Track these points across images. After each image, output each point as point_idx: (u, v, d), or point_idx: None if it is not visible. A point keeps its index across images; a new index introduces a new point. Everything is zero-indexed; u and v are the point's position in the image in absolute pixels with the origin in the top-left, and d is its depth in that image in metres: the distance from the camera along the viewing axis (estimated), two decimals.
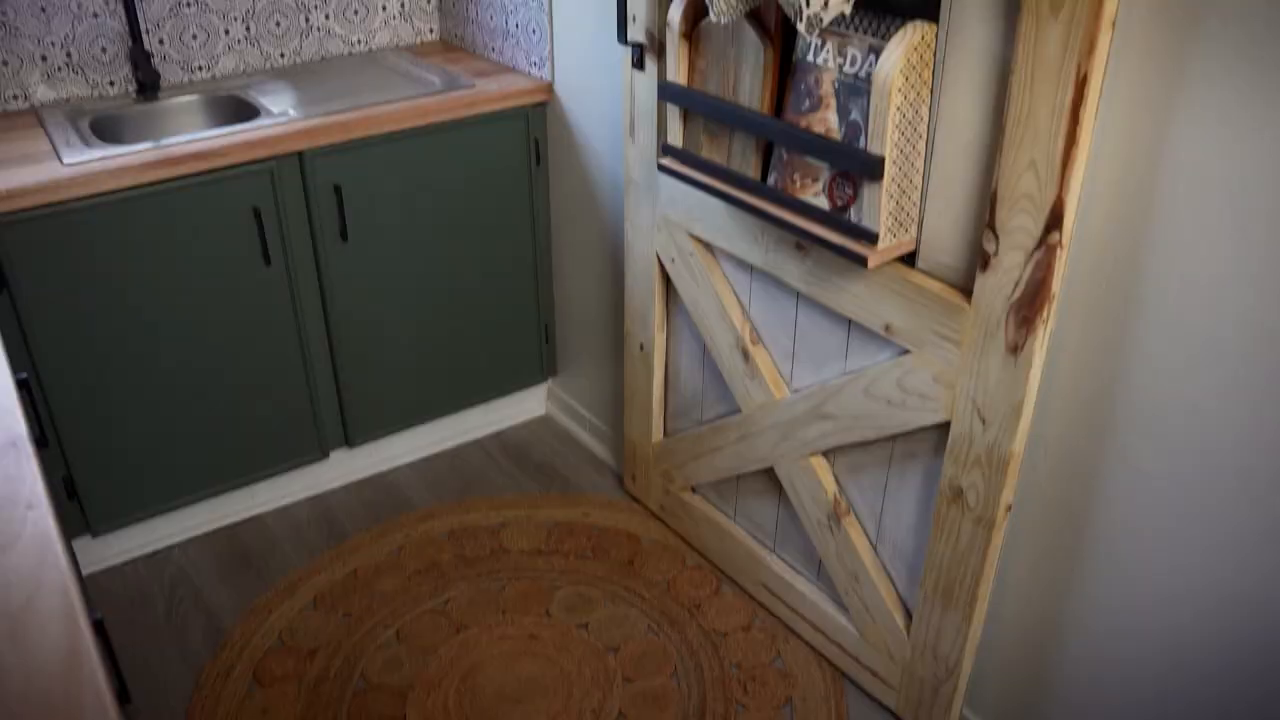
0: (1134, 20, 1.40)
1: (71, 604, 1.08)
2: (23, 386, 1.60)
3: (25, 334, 2.27)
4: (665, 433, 2.68)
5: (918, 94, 1.67)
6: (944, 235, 1.76)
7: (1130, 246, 1.51)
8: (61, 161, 2.26)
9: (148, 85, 2.75)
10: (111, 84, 2.75)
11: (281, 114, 2.54)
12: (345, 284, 2.66)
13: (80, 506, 2.51)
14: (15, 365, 2.28)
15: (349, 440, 2.88)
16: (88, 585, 2.61)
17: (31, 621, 1.06)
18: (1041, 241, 1.55)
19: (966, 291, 1.73)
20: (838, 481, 2.17)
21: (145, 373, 2.45)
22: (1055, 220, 1.52)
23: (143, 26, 2.75)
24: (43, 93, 2.67)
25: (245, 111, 2.68)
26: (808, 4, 1.63)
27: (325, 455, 2.85)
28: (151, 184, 2.30)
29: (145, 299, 2.38)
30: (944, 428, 1.86)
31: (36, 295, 2.25)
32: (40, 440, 1.60)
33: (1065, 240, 1.54)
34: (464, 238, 2.82)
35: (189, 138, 2.39)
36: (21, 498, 1.25)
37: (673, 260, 2.38)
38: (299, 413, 2.74)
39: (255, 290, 2.53)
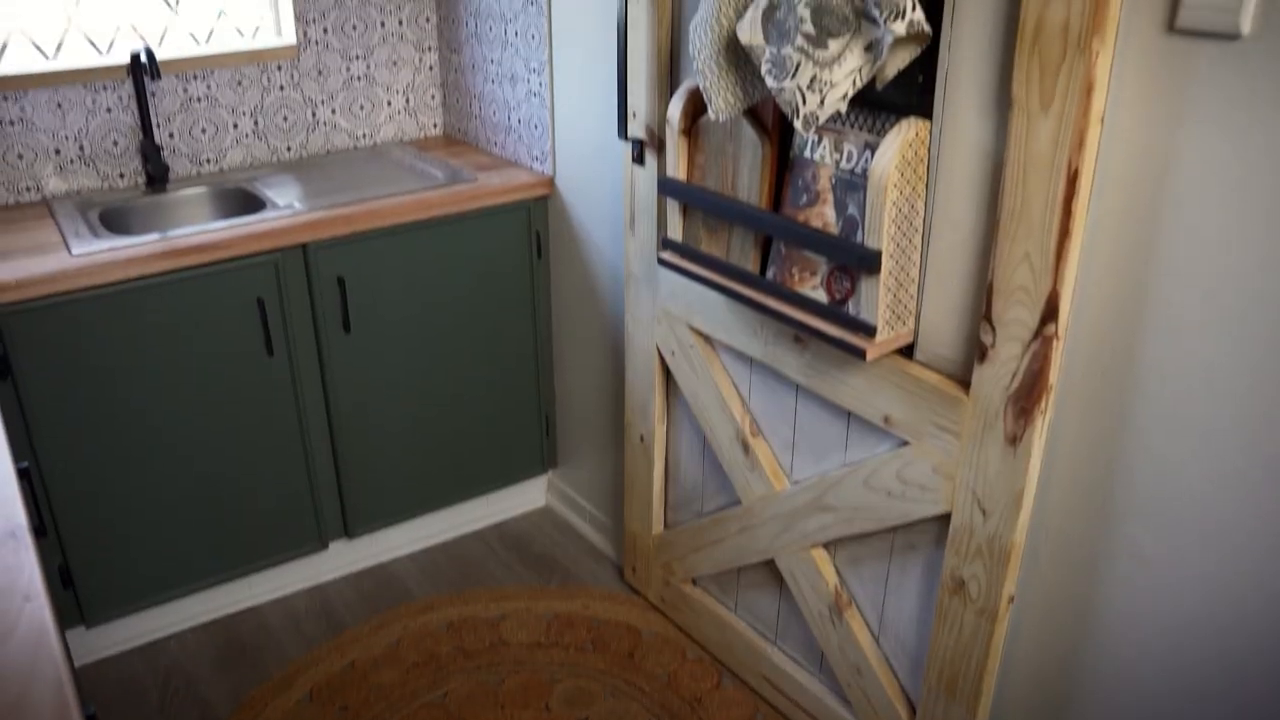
0: (1121, 117, 1.44)
1: (65, 700, 1.07)
2: (23, 475, 1.60)
3: (27, 421, 2.28)
4: (666, 524, 2.67)
5: (913, 189, 1.70)
6: (941, 327, 1.77)
7: (1126, 337, 1.52)
8: (70, 252, 2.29)
9: (157, 177, 2.80)
10: (121, 176, 2.80)
11: (287, 206, 2.58)
12: (347, 375, 2.68)
13: (75, 596, 2.49)
14: (17, 454, 2.29)
15: (348, 531, 2.86)
16: (80, 677, 2.57)
17: (24, 717, 1.05)
18: (1038, 333, 1.56)
19: (964, 383, 1.74)
20: (839, 573, 2.16)
21: (145, 461, 2.46)
22: (1051, 312, 1.54)
23: (154, 121, 2.80)
24: (55, 184, 2.72)
25: (251, 204, 2.73)
26: (804, 102, 1.67)
27: (324, 546, 2.84)
28: (157, 274, 2.33)
29: (147, 388, 2.40)
30: (945, 519, 1.86)
31: (40, 383, 2.26)
32: (39, 529, 1.60)
33: (1061, 332, 1.56)
34: (466, 329, 2.84)
35: (195, 229, 2.43)
36: (19, 589, 1.24)
37: (673, 353, 2.40)
38: (298, 503, 2.73)
39: (257, 380, 2.54)
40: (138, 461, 2.44)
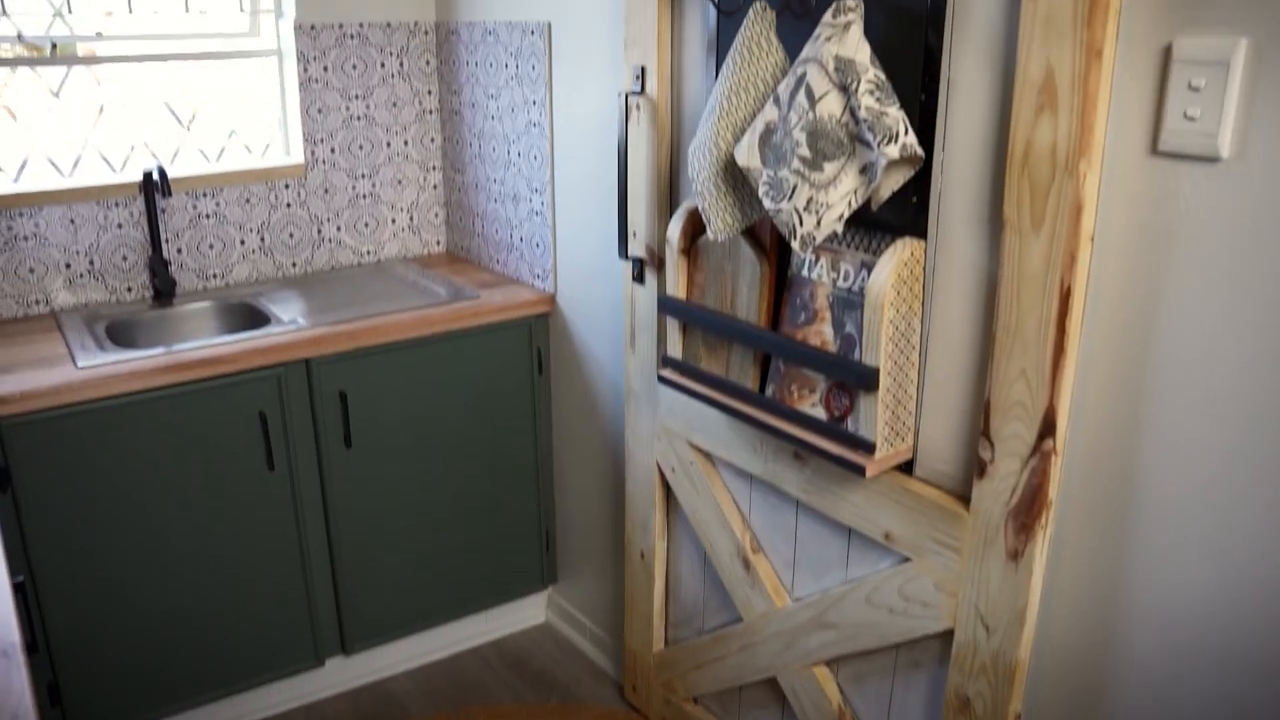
0: (1111, 235, 1.47)
1: None
2: (18, 590, 1.59)
3: (24, 534, 2.27)
4: (666, 642, 2.64)
5: (909, 307, 1.73)
6: (940, 443, 1.79)
7: (1125, 451, 1.53)
8: (76, 365, 2.31)
9: (164, 292, 2.84)
10: (129, 290, 2.84)
11: (291, 322, 2.61)
12: (347, 489, 2.67)
13: (63, 715, 2.44)
14: (13, 567, 2.27)
15: (345, 648, 2.82)
16: None
17: None
18: (1036, 448, 1.57)
19: (964, 499, 1.75)
20: (842, 692, 2.13)
21: (141, 577, 2.44)
22: (1049, 427, 1.55)
23: (163, 236, 2.86)
24: (63, 298, 2.76)
25: (256, 318, 2.76)
26: (801, 223, 1.71)
27: (321, 663, 2.80)
28: (161, 388, 2.34)
29: (147, 501, 2.39)
30: (948, 636, 1.84)
31: (39, 495, 2.26)
32: (30, 646, 1.58)
33: (1060, 447, 1.57)
34: (466, 444, 2.85)
35: (200, 343, 2.45)
36: (7, 709, 1.22)
37: (673, 469, 2.40)
38: (295, 619, 2.70)
39: (257, 495, 2.54)
40: (134, 576, 2.43)
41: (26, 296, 2.71)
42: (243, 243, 3.00)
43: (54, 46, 2.79)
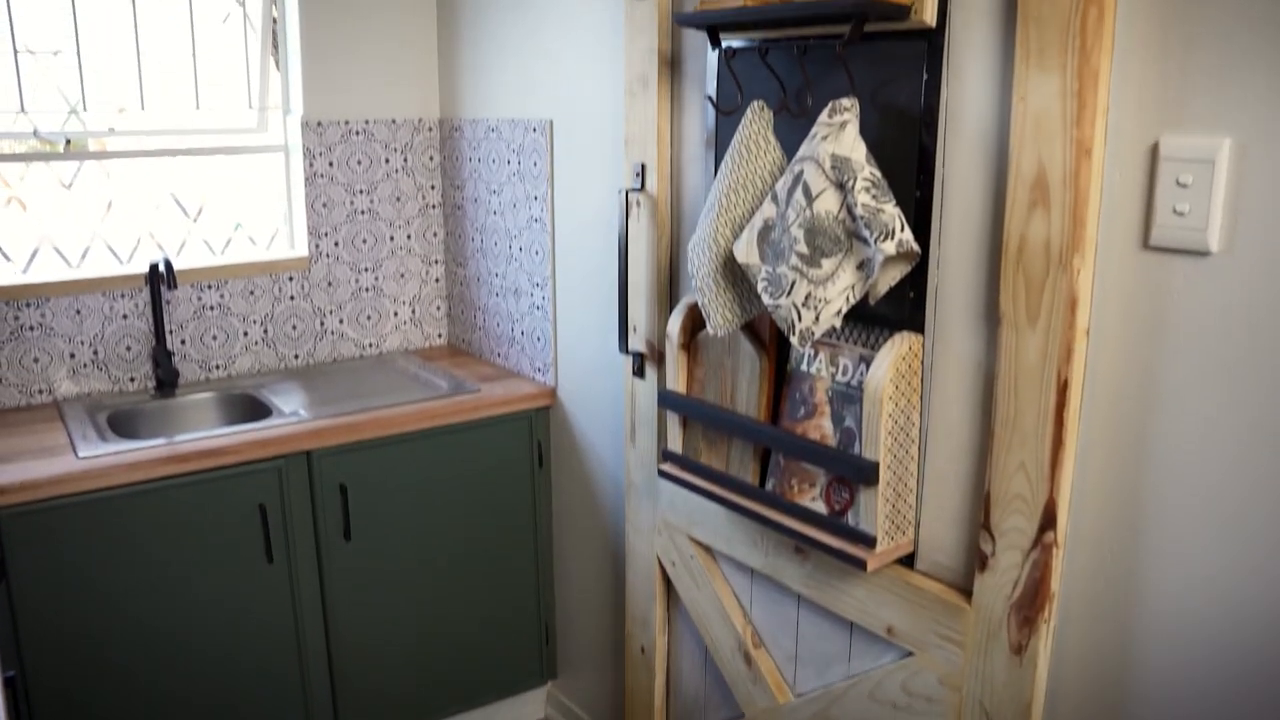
0: (1106, 328, 1.49)
1: None
2: (9, 684, 1.57)
3: (18, 626, 2.25)
4: None
5: (908, 401, 1.74)
6: (941, 536, 1.78)
7: (1127, 542, 1.53)
8: (77, 455, 2.32)
9: (166, 382, 2.85)
10: (132, 380, 2.86)
11: (292, 413, 2.62)
12: (346, 582, 2.66)
13: None
14: (5, 661, 2.25)
15: None
16: None
17: None
18: (1037, 541, 1.57)
19: (966, 592, 1.74)
20: None
21: (135, 669, 2.41)
22: (1049, 520, 1.55)
23: (168, 327, 2.88)
24: (66, 387, 2.77)
25: (257, 410, 2.77)
26: (800, 318, 1.73)
27: None
28: (161, 479, 2.34)
29: (143, 593, 2.37)
30: None
31: (35, 586, 2.24)
32: None
33: (1061, 539, 1.56)
34: (466, 538, 2.83)
35: (201, 434, 2.46)
36: None
37: (674, 564, 2.39)
38: (292, 713, 2.66)
39: (255, 587, 2.52)
40: (127, 669, 2.39)
41: (30, 386, 2.73)
42: (246, 334, 3.03)
43: (68, 142, 2.84)
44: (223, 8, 3.05)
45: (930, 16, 1.63)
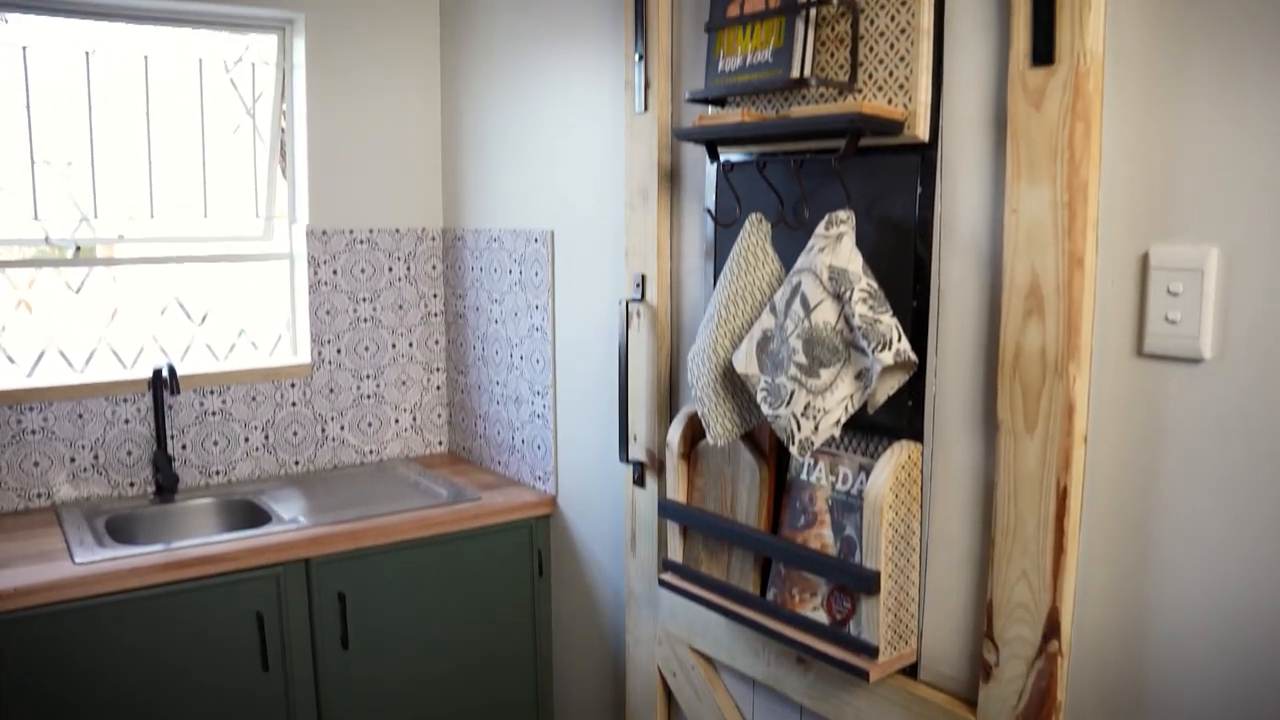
0: (1103, 435, 1.50)
1: None
2: None
3: None
4: None
5: (908, 509, 1.74)
6: (944, 645, 1.76)
7: (1132, 650, 1.51)
8: (73, 560, 2.30)
9: (166, 487, 2.85)
10: (131, 485, 2.85)
11: (292, 520, 2.62)
12: (343, 691, 2.61)
13: None
14: None
15: None
16: None
17: None
18: (1041, 650, 1.56)
19: (971, 702, 1.71)
20: None
21: None
22: (1053, 629, 1.54)
23: (169, 432, 2.89)
24: (65, 491, 2.77)
25: (257, 516, 2.76)
26: (799, 428, 1.74)
27: None
28: (158, 585, 2.33)
29: (138, 701, 2.33)
30: None
31: (29, 694, 2.21)
32: None
33: (1065, 648, 1.55)
34: (465, 646, 2.80)
35: (199, 541, 2.45)
36: None
37: (674, 674, 2.36)
38: None
39: (251, 695, 2.48)
40: None
41: (28, 490, 2.72)
42: (247, 440, 3.03)
43: (78, 248, 2.89)
44: (233, 119, 3.13)
45: (923, 131, 1.68)
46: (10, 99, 2.78)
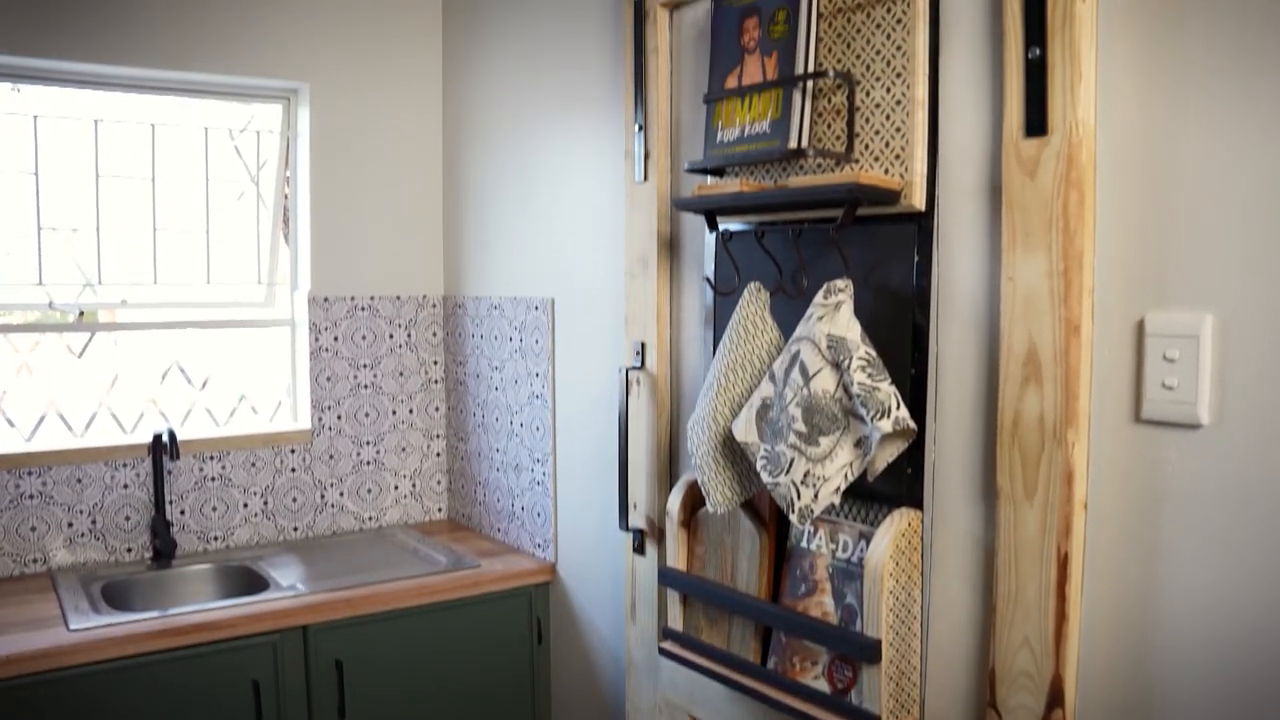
0: (1103, 502, 1.50)
1: None
2: None
3: None
4: None
5: (909, 577, 1.74)
6: (947, 714, 1.74)
7: (1138, 716, 1.50)
8: (68, 627, 2.29)
9: (164, 553, 2.84)
10: (129, 550, 2.84)
11: (289, 587, 2.60)
12: None
13: None
14: None
15: None
16: None
17: None
18: (1045, 719, 1.54)
19: None
20: None
21: None
22: (1056, 697, 1.52)
23: (167, 497, 2.88)
24: (62, 557, 2.75)
25: (254, 583, 2.74)
26: (799, 496, 1.74)
27: None
28: (153, 653, 2.31)
29: None
30: None
31: None
32: None
33: (1069, 716, 1.53)
34: (463, 714, 2.76)
35: (196, 607, 2.43)
36: None
37: None
38: None
39: None
40: None
41: (24, 555, 2.71)
42: (245, 505, 3.03)
43: (81, 313, 2.91)
44: (237, 186, 3.17)
45: (919, 201, 1.70)
46: (19, 166, 2.82)
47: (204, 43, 2.92)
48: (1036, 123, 1.50)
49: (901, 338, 1.76)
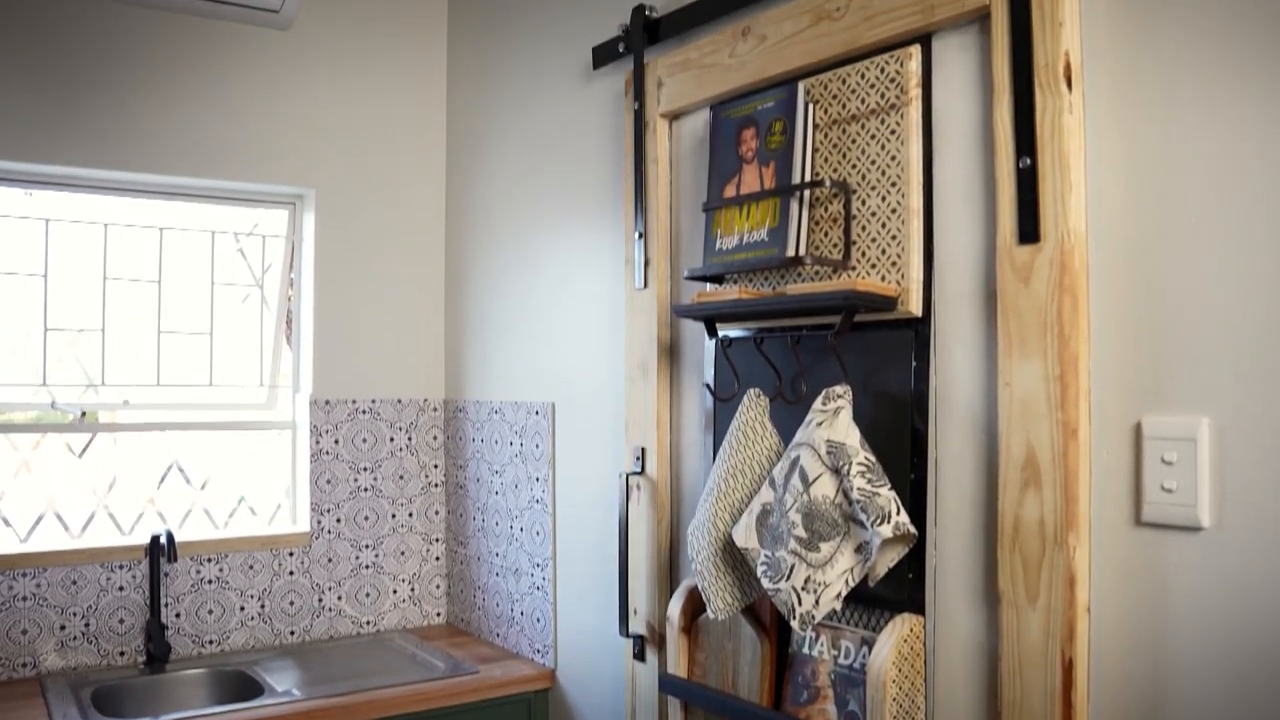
0: (1107, 607, 1.49)
1: None
2: None
3: None
4: None
5: (911, 683, 1.72)
6: None
7: None
8: None
9: (157, 657, 2.80)
10: (122, 654, 2.80)
11: (285, 693, 2.56)
12: None
13: None
14: None
15: None
16: None
17: None
18: None
19: None
20: None
21: None
22: None
23: (163, 600, 2.86)
24: (52, 661, 2.71)
25: (250, 689, 2.70)
26: (800, 602, 1.73)
27: None
28: None
29: None
30: None
31: None
32: None
33: None
34: None
35: (188, 714, 2.40)
36: None
37: None
38: None
39: None
40: None
41: (13, 659, 2.67)
42: (242, 609, 2.99)
43: (83, 413, 2.92)
44: (242, 288, 3.21)
45: (916, 307, 1.73)
46: (29, 268, 2.86)
47: (213, 150, 2.99)
48: (1029, 230, 1.54)
49: (901, 443, 1.77)
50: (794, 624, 1.74)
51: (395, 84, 3.31)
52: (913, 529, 1.67)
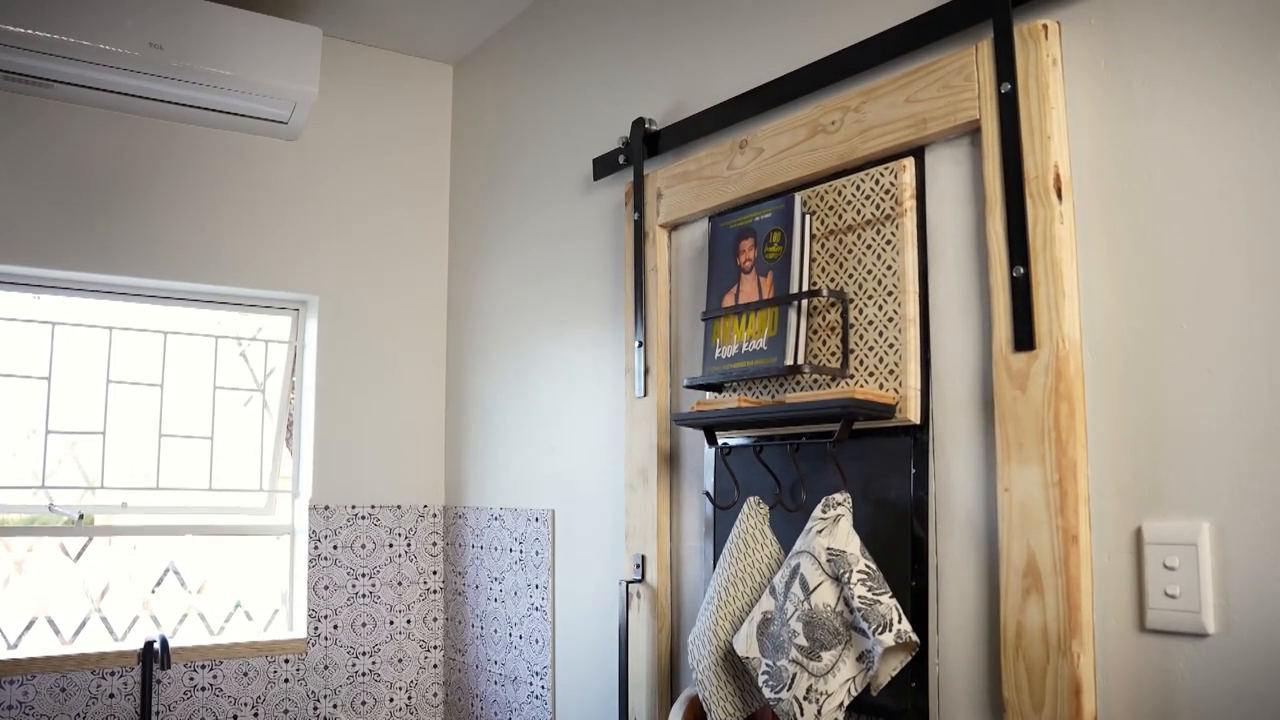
0: (1113, 715, 1.48)
1: None
2: None
3: None
4: None
5: None
6: None
7: None
8: None
9: None
10: None
11: None
12: None
13: None
14: None
15: None
16: None
17: None
18: None
19: None
20: None
21: None
22: None
23: (154, 708, 2.81)
24: None
25: None
26: (802, 712, 1.70)
27: None
28: None
29: None
30: None
31: None
32: None
33: None
34: None
35: None
36: None
37: None
38: None
39: None
40: None
41: None
42: (235, 717, 2.94)
43: (80, 516, 2.91)
44: (244, 393, 3.22)
45: (914, 414, 1.74)
46: (32, 370, 2.88)
47: (219, 256, 3.04)
48: (1024, 338, 1.56)
49: (901, 550, 1.76)
50: None
51: (399, 194, 3.38)
52: (915, 637, 1.65)
